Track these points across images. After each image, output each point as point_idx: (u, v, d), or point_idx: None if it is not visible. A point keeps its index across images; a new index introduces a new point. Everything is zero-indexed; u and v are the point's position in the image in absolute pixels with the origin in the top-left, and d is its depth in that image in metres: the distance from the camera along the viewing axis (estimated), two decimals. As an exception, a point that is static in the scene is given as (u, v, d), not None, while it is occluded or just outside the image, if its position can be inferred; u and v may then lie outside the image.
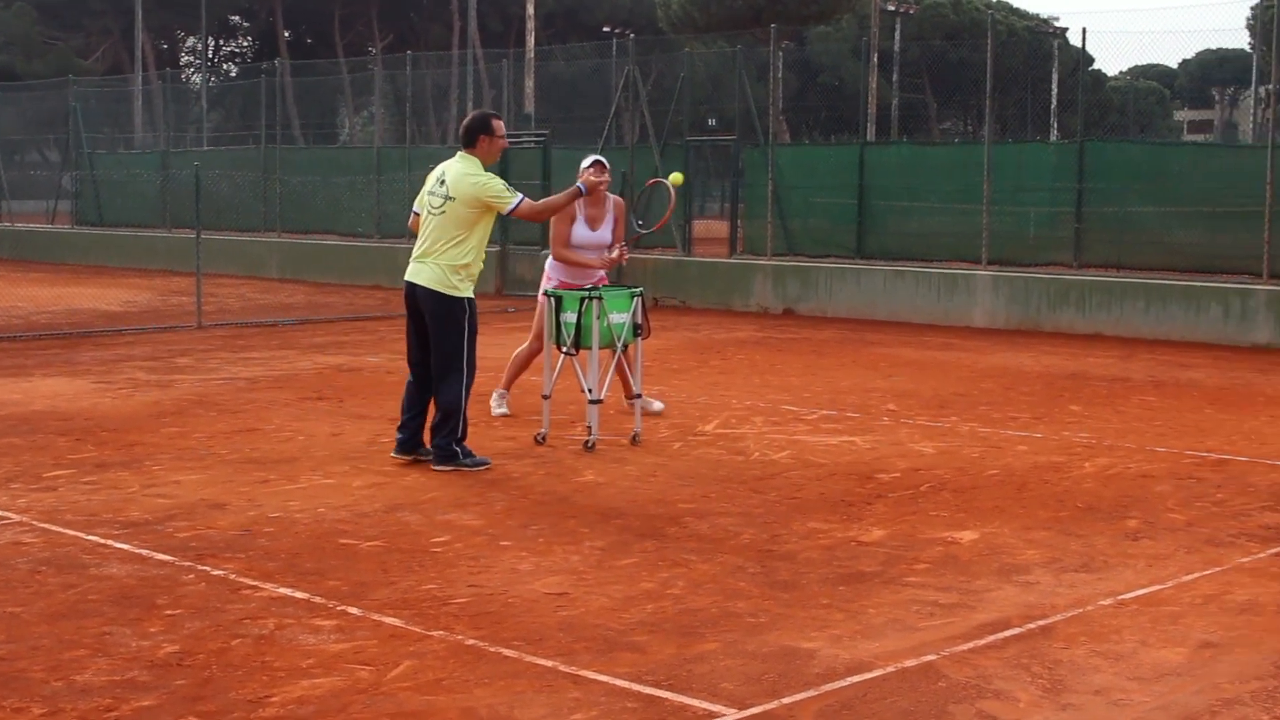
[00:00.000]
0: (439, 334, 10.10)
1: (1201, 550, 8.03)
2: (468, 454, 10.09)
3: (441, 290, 10.04)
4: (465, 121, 10.45)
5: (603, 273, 12.10)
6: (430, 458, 10.20)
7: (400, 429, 10.37)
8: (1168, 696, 5.68)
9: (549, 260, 12.15)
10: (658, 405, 12.39)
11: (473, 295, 10.13)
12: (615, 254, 11.87)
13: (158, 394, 13.47)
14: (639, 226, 12.63)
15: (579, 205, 11.77)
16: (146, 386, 13.96)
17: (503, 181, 10.17)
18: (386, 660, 6.02)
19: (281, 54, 57.62)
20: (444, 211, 10.09)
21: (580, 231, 11.88)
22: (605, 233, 11.95)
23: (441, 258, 10.07)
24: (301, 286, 28.39)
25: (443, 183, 10.18)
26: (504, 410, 12.26)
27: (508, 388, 12.43)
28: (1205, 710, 5.54)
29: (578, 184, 10.54)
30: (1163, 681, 5.86)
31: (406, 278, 10.28)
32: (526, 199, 10.19)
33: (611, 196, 12.12)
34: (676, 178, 12.08)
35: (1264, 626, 6.62)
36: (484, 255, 10.30)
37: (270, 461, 10.28)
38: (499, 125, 10.33)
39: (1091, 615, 6.77)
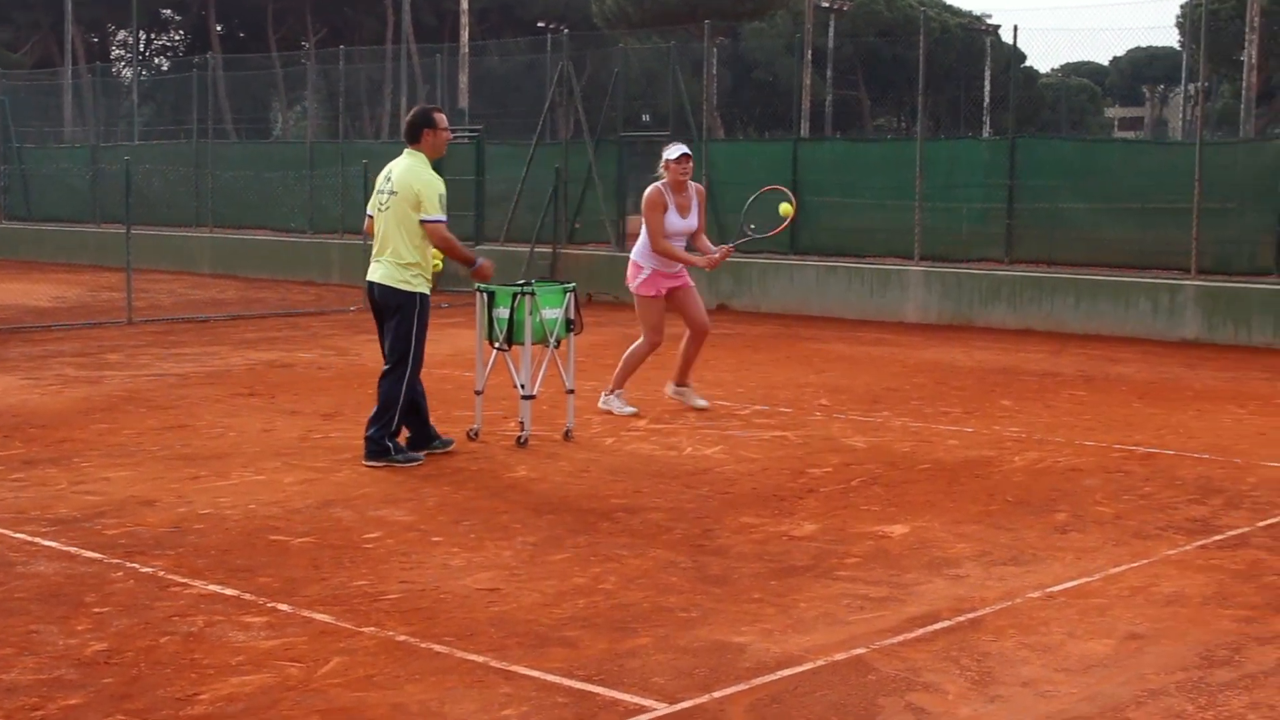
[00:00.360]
0: (393, 328, 10.14)
1: (1129, 543, 8.10)
2: (400, 449, 10.08)
3: (394, 285, 10.09)
4: (407, 118, 10.46)
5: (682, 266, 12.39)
6: (443, 448, 10.40)
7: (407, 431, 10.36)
8: (1094, 688, 5.73)
9: (638, 252, 12.32)
10: (701, 401, 12.69)
11: (427, 291, 10.15)
12: (720, 254, 12.31)
13: (87, 390, 13.36)
14: (750, 229, 12.61)
15: (668, 195, 12.11)
16: (76, 383, 13.85)
17: (442, 194, 10.13)
18: (317, 657, 6.00)
19: (214, 48, 57.27)
20: (389, 208, 10.12)
21: (673, 220, 12.12)
22: (693, 219, 12.24)
23: (393, 255, 10.08)
24: (233, 282, 28.22)
25: (389, 179, 10.20)
26: (632, 409, 12.34)
27: (620, 387, 12.51)
28: (1131, 701, 5.59)
29: (479, 261, 10.44)
30: (1090, 673, 5.91)
31: (366, 277, 10.30)
32: (446, 224, 10.16)
33: (693, 184, 12.31)
34: (787, 209, 12.13)
35: (1189, 618, 6.69)
36: (437, 251, 10.30)
37: (201, 458, 10.22)
38: (441, 118, 10.36)
39: (1020, 608, 6.82)
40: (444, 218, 10.11)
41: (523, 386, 10.85)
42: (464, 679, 5.75)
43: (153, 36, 77.29)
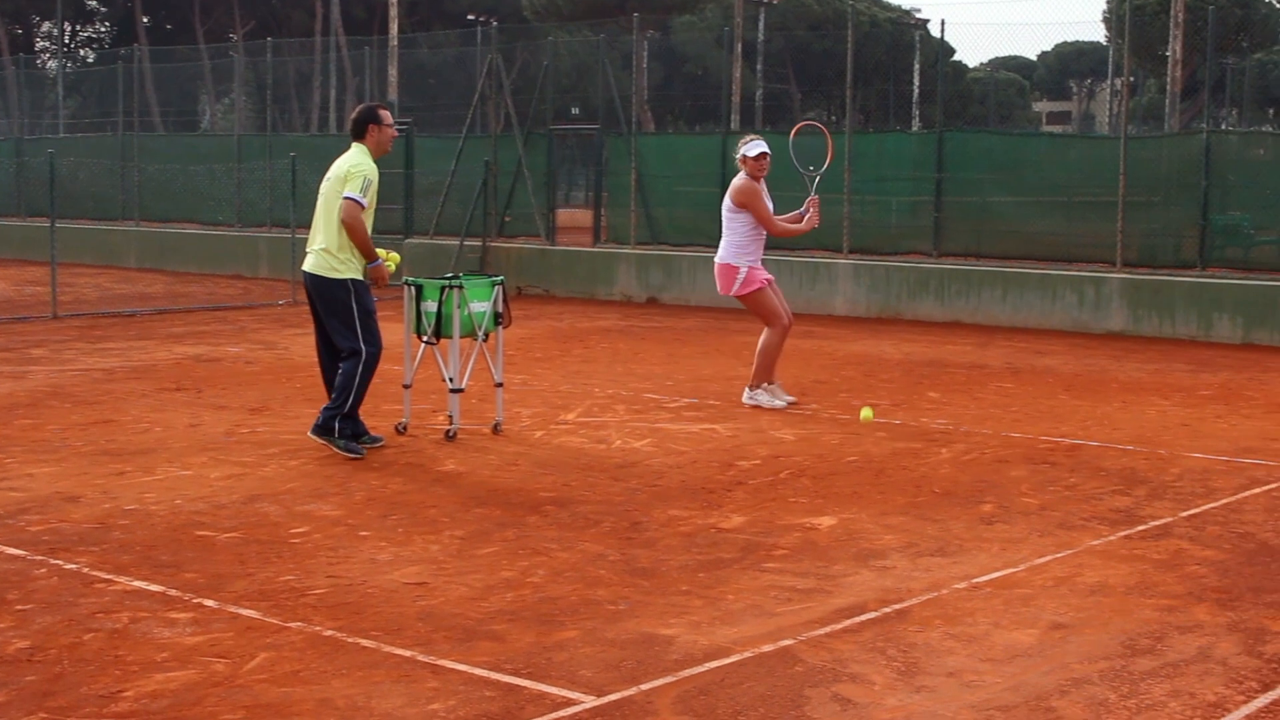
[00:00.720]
0: (328, 317, 10.18)
1: (1054, 533, 8.17)
2: (343, 435, 10.08)
3: (322, 274, 10.11)
4: (353, 114, 10.44)
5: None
6: (370, 444, 10.37)
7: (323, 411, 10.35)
8: (1019, 677, 5.78)
9: (728, 254, 12.42)
10: (787, 397, 12.55)
11: (358, 276, 10.11)
12: (812, 209, 12.52)
13: (11, 385, 13.23)
14: (811, 170, 12.75)
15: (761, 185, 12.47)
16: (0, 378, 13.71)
17: (369, 182, 10.03)
18: (243, 652, 5.96)
19: (140, 40, 56.74)
20: (323, 195, 10.15)
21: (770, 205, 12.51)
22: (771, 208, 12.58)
23: (323, 242, 10.08)
24: (160, 276, 28.01)
25: (330, 170, 10.22)
26: (789, 397, 12.50)
27: (771, 381, 12.53)
28: (1055, 690, 5.64)
29: (378, 262, 10.25)
30: (1014, 663, 5.95)
31: (302, 267, 10.29)
32: (363, 209, 10.04)
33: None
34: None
35: (1113, 607, 6.75)
36: (394, 256, 10.30)
37: (126, 453, 10.14)
38: (386, 115, 10.41)
39: (946, 599, 6.87)
40: (361, 199, 9.98)
41: (451, 380, 10.83)
42: (391, 673, 5.74)
43: (78, 28, 76.50)
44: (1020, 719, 5.33)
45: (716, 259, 12.54)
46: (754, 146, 12.37)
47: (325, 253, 10.07)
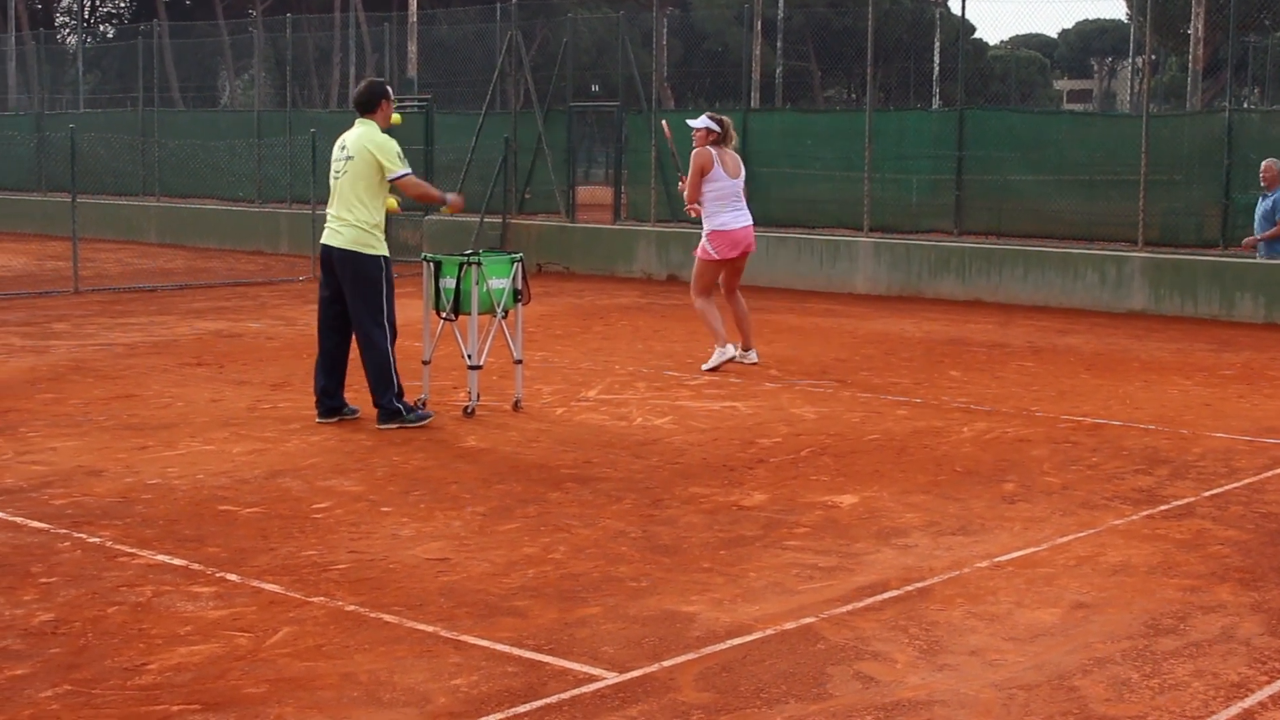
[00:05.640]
0: (357, 294, 10.25)
1: (1076, 513, 8.15)
2: (410, 410, 10.26)
3: (358, 250, 10.20)
4: (362, 89, 10.51)
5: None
6: (351, 415, 10.53)
7: (319, 393, 10.46)
8: (1041, 656, 5.77)
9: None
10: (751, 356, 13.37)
11: (387, 253, 10.23)
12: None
13: (33, 360, 13.26)
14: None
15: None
16: (22, 352, 13.73)
17: (398, 150, 10.28)
18: (266, 627, 5.98)
19: (159, 15, 56.73)
20: (346, 173, 10.24)
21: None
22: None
23: (355, 218, 10.17)
24: (181, 251, 28.05)
25: (344, 148, 10.35)
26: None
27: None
28: (1078, 669, 5.63)
29: (449, 198, 10.84)
30: (1036, 642, 5.95)
31: (323, 241, 10.40)
32: (413, 174, 10.30)
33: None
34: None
35: (1135, 587, 6.74)
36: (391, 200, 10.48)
37: (149, 428, 10.16)
38: (390, 91, 10.49)
39: (968, 577, 6.86)
40: (409, 170, 10.25)
41: (469, 357, 10.84)
42: (413, 649, 5.75)
43: (98, 3, 76.48)
44: (1043, 698, 5.33)
45: (748, 221, 14.10)
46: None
47: (361, 229, 10.14)
